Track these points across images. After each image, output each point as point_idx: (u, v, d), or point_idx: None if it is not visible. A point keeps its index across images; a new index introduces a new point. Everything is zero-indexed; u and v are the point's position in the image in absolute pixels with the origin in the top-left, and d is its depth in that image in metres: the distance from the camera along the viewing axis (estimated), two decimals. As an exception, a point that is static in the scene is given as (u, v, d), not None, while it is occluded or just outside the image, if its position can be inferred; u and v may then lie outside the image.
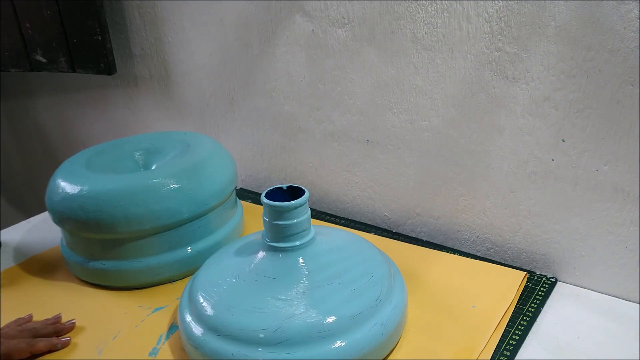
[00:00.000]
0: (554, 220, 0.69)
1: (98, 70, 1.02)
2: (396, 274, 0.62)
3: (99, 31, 0.98)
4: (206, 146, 0.78)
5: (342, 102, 0.82)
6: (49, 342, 0.61)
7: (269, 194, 0.59)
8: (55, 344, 0.61)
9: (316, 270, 0.57)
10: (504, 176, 0.71)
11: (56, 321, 0.65)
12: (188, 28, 0.94)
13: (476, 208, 0.75)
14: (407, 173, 0.80)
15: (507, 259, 0.75)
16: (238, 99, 0.94)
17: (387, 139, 0.79)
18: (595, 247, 0.67)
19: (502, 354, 0.57)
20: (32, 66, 1.06)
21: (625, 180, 0.62)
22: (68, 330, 0.64)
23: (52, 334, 0.63)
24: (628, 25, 0.56)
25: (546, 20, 0.61)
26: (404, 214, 0.83)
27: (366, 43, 0.75)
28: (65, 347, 0.61)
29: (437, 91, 0.72)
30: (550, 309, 0.65)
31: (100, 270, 0.70)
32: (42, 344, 0.60)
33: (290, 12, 0.81)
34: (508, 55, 0.65)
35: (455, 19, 0.67)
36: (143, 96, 1.08)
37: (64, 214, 0.68)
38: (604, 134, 0.61)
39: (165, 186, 0.68)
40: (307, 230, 0.59)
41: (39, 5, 0.99)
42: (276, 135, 0.92)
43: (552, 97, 0.63)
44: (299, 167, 0.92)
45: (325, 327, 0.52)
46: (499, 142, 0.70)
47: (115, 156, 0.78)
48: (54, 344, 0.61)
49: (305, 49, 0.82)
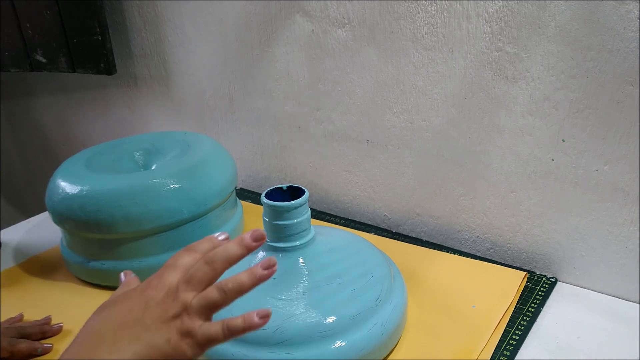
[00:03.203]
0: (554, 220, 0.69)
1: (98, 70, 1.02)
2: (396, 274, 0.62)
3: (99, 31, 0.98)
4: (206, 146, 0.78)
5: (342, 102, 0.82)
6: (30, 345, 0.61)
7: (269, 194, 0.59)
8: (36, 348, 0.61)
9: (316, 270, 0.57)
10: (504, 176, 0.71)
11: (45, 323, 0.65)
12: (188, 28, 0.94)
13: (476, 208, 0.75)
14: (407, 173, 0.80)
15: (507, 259, 0.75)
16: (238, 99, 0.94)
17: (387, 139, 0.79)
18: (595, 247, 0.67)
19: (502, 354, 0.57)
20: (32, 66, 1.06)
21: (625, 180, 0.62)
22: (54, 333, 0.64)
23: (38, 334, 0.63)
24: (628, 25, 0.56)
25: (546, 20, 0.61)
26: (404, 214, 0.83)
27: (366, 43, 0.75)
28: (47, 352, 0.61)
29: (437, 91, 0.72)
30: (550, 309, 0.65)
31: (100, 270, 0.70)
32: (24, 345, 0.60)
33: (290, 12, 0.81)
34: (508, 55, 0.65)
35: (455, 19, 0.67)
36: (143, 96, 1.08)
37: (64, 214, 0.68)
38: (604, 134, 0.61)
39: (165, 186, 0.68)
40: (307, 230, 0.59)
41: (39, 5, 0.99)
42: (276, 135, 0.92)
43: (552, 97, 0.63)
44: (299, 167, 0.92)
45: (325, 327, 0.52)
46: (499, 142, 0.70)
47: (115, 156, 0.78)
48: (35, 348, 0.61)
49: (305, 49, 0.82)
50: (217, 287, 0.39)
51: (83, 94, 1.19)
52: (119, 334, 0.37)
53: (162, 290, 0.39)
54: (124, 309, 0.39)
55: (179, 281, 0.39)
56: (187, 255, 0.42)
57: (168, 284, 0.39)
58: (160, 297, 0.39)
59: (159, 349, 0.37)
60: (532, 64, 0.63)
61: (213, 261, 0.40)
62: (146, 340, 0.37)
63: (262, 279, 0.40)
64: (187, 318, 0.38)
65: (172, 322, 0.38)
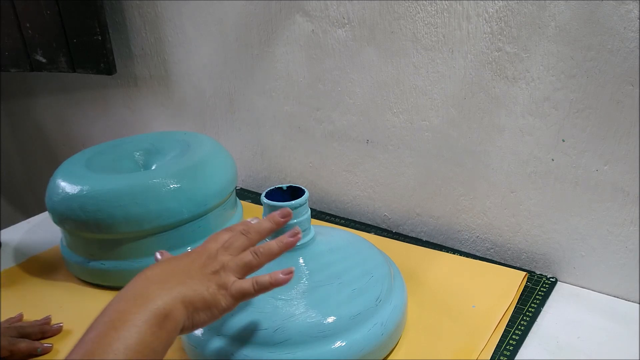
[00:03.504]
0: (554, 220, 0.69)
1: (98, 70, 1.02)
2: (396, 274, 0.62)
3: (99, 31, 0.98)
4: (206, 146, 0.78)
5: (342, 102, 0.82)
6: (30, 345, 0.61)
7: (269, 194, 0.59)
8: (36, 348, 0.61)
9: (316, 270, 0.57)
10: (504, 176, 0.71)
11: (44, 322, 0.65)
12: (188, 28, 0.94)
13: (476, 208, 0.75)
14: (407, 173, 0.80)
15: (507, 259, 0.75)
16: (238, 99, 0.94)
17: (387, 139, 0.79)
18: (595, 247, 0.67)
19: (502, 354, 0.57)
20: (32, 66, 1.06)
21: (625, 180, 0.62)
22: (54, 333, 0.64)
23: (38, 334, 0.63)
24: (628, 25, 0.56)
25: (546, 20, 0.61)
26: (404, 214, 0.83)
27: (366, 43, 0.75)
28: (47, 352, 0.61)
29: (437, 91, 0.72)
30: (550, 309, 0.65)
31: (100, 270, 0.70)
32: (24, 345, 0.60)
33: (290, 12, 0.81)
34: (508, 55, 0.65)
35: (455, 19, 0.67)
36: (143, 96, 1.08)
37: (64, 214, 0.68)
38: (604, 134, 0.61)
39: (165, 186, 0.68)
40: (307, 230, 0.59)
41: (39, 5, 0.99)
42: (276, 135, 0.92)
43: (552, 97, 0.63)
44: (299, 167, 0.92)
45: (325, 327, 0.52)
46: (499, 142, 0.70)
47: (115, 156, 0.78)
48: (35, 348, 0.61)
49: (305, 49, 0.82)
50: (251, 250, 0.48)
51: (83, 94, 1.19)
52: (168, 278, 0.44)
53: (204, 254, 0.47)
54: (172, 264, 0.46)
55: (219, 248, 0.48)
56: (225, 232, 0.51)
57: (209, 250, 0.48)
58: (203, 258, 0.47)
59: (200, 294, 0.44)
60: (532, 64, 0.63)
61: (248, 232, 0.49)
62: (190, 285, 0.44)
63: (288, 245, 0.49)
64: (224, 274, 0.46)
65: (212, 276, 0.46)
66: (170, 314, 0.42)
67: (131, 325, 0.39)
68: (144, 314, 0.40)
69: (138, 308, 0.41)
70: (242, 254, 0.48)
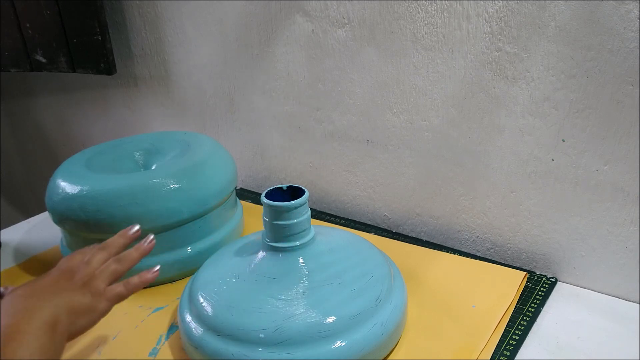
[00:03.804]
0: (554, 220, 0.69)
1: (98, 70, 1.02)
2: (396, 274, 0.62)
3: (99, 31, 0.98)
4: (206, 146, 0.78)
5: (342, 102, 0.82)
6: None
7: (269, 194, 0.59)
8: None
9: (316, 270, 0.57)
10: (504, 176, 0.71)
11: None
12: (188, 28, 0.94)
13: (476, 208, 0.75)
14: (407, 173, 0.80)
15: (507, 259, 0.75)
16: (238, 99, 0.94)
17: (387, 139, 0.79)
18: (595, 247, 0.67)
19: (502, 354, 0.57)
20: (32, 66, 1.06)
21: (625, 180, 0.62)
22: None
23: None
24: (628, 25, 0.56)
25: (546, 20, 0.61)
26: (404, 214, 0.83)
27: (366, 43, 0.75)
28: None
29: (437, 91, 0.72)
30: (550, 309, 0.65)
31: (100, 270, 0.70)
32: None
33: (290, 12, 0.81)
34: (508, 55, 0.65)
35: (455, 19, 0.67)
36: (143, 96, 1.08)
37: (64, 214, 0.68)
38: (604, 134, 0.61)
39: (165, 186, 0.68)
40: (307, 230, 0.59)
41: (39, 5, 0.99)
42: (276, 135, 0.92)
43: (552, 97, 0.63)
44: (299, 167, 0.92)
45: (325, 327, 0.52)
46: (499, 142, 0.70)
47: (115, 156, 0.78)
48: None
49: (305, 49, 0.82)
50: (113, 259, 0.52)
51: (83, 94, 1.19)
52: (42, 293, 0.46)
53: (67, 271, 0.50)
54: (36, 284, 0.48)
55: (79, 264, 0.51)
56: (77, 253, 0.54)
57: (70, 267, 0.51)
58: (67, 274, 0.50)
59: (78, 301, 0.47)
60: (532, 64, 0.63)
61: (107, 246, 0.54)
62: (66, 295, 0.47)
63: (146, 251, 0.55)
64: (94, 283, 0.50)
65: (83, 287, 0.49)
66: (58, 321, 0.44)
67: (27, 333, 0.41)
68: (36, 322, 0.42)
69: (28, 319, 0.42)
70: (106, 264, 0.52)
